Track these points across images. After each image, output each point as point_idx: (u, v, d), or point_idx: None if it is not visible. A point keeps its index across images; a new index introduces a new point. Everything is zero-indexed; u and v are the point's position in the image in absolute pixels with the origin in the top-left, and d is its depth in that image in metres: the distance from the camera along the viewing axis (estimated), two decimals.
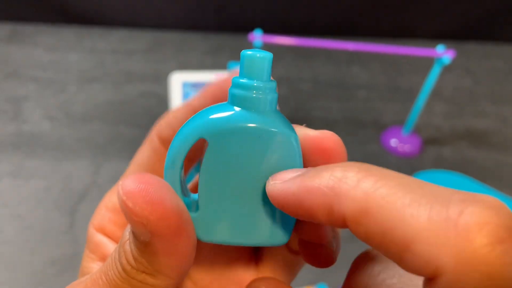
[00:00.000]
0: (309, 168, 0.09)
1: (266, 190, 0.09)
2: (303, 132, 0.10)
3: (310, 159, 0.10)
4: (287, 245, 0.12)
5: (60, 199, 0.44)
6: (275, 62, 0.64)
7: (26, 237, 0.40)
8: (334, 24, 0.68)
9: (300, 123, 0.27)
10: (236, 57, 0.64)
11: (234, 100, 0.10)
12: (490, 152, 0.53)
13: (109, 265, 0.09)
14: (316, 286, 0.35)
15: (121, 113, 0.54)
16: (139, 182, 0.08)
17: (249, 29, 0.50)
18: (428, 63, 0.66)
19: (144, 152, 0.12)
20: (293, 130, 0.10)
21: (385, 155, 0.51)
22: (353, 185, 0.07)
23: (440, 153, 0.53)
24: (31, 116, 0.52)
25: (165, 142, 0.12)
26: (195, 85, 0.38)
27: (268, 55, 0.10)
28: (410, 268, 0.07)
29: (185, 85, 0.38)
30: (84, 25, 0.66)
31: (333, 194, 0.08)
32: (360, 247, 0.19)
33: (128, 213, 0.08)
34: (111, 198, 0.12)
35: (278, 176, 0.09)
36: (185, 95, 0.37)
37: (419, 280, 0.09)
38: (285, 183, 0.09)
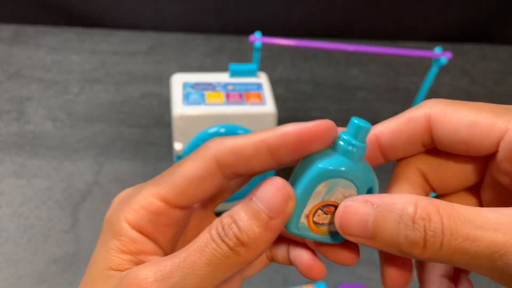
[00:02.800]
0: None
1: None
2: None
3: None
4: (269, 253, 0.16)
5: (62, 198, 0.44)
6: (275, 63, 0.65)
7: (28, 236, 0.41)
8: (332, 27, 0.69)
9: None
10: (236, 59, 0.65)
11: (339, 149, 0.14)
12: None
13: (206, 244, 0.12)
14: (315, 285, 0.35)
15: (122, 113, 0.55)
16: (283, 183, 0.13)
17: (249, 31, 0.50)
18: (425, 64, 0.67)
19: (195, 168, 0.13)
20: (371, 174, 0.15)
21: None
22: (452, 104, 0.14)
23: None
24: (34, 117, 0.53)
25: (224, 168, 0.13)
26: (195, 86, 0.38)
27: (368, 127, 0.14)
28: (482, 131, 0.12)
29: (186, 86, 0.39)
30: (86, 27, 0.67)
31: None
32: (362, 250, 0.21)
33: (279, 196, 0.12)
34: (151, 201, 0.13)
35: None
36: (186, 96, 0.38)
37: None
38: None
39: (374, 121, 0.62)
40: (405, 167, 0.15)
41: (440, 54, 0.43)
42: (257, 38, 0.43)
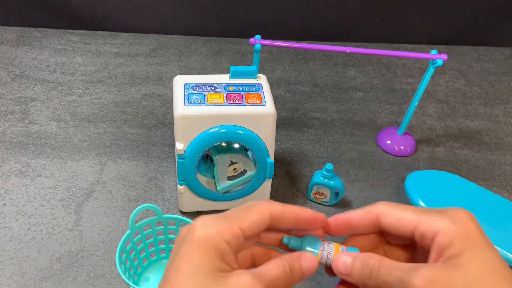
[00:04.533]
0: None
1: None
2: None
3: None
4: None
5: (66, 197, 0.45)
6: (274, 65, 0.66)
7: (32, 234, 0.41)
8: (330, 29, 0.70)
9: (298, 123, 0.35)
10: (236, 61, 0.66)
11: None
12: (482, 152, 0.55)
13: (284, 275, 0.21)
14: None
15: (125, 114, 0.56)
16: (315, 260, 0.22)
17: (249, 33, 0.52)
18: (421, 66, 0.68)
19: (260, 214, 0.21)
20: None
21: (381, 155, 0.52)
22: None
23: (434, 153, 0.54)
24: (38, 117, 0.54)
25: (274, 222, 0.21)
26: (196, 87, 0.39)
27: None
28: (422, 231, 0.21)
29: (187, 87, 0.39)
30: (89, 30, 0.68)
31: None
32: None
33: (314, 269, 0.22)
34: (236, 230, 0.20)
35: None
36: (187, 96, 0.39)
37: None
38: None
39: (371, 121, 0.63)
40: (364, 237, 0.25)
41: (436, 56, 0.44)
42: (257, 41, 0.44)
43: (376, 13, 0.69)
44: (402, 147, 0.53)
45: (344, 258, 0.22)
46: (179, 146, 0.38)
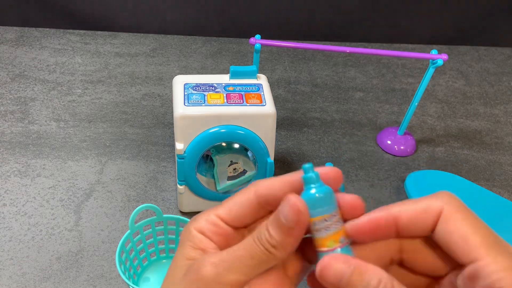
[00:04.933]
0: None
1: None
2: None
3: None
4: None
5: (66, 197, 0.45)
6: (274, 65, 0.66)
7: (32, 234, 0.41)
8: (330, 29, 0.70)
9: (298, 123, 0.31)
10: (236, 60, 0.66)
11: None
12: (482, 152, 0.55)
13: (250, 244, 0.16)
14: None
15: (125, 114, 0.56)
16: (300, 201, 0.16)
17: (249, 33, 0.52)
18: (421, 66, 0.68)
19: (240, 196, 0.18)
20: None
21: (381, 155, 0.52)
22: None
23: (434, 153, 0.54)
24: (38, 117, 0.54)
25: (260, 197, 0.18)
26: (196, 87, 0.39)
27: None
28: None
29: (187, 87, 0.39)
30: (89, 30, 0.68)
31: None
32: None
33: (298, 211, 0.16)
34: (210, 216, 0.18)
35: None
36: (187, 96, 0.39)
37: None
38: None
39: (371, 121, 0.63)
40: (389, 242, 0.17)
41: (436, 56, 0.44)
42: (257, 41, 0.44)
43: (376, 13, 0.69)
44: (402, 147, 0.53)
45: (339, 264, 0.15)
46: (179, 146, 0.38)
